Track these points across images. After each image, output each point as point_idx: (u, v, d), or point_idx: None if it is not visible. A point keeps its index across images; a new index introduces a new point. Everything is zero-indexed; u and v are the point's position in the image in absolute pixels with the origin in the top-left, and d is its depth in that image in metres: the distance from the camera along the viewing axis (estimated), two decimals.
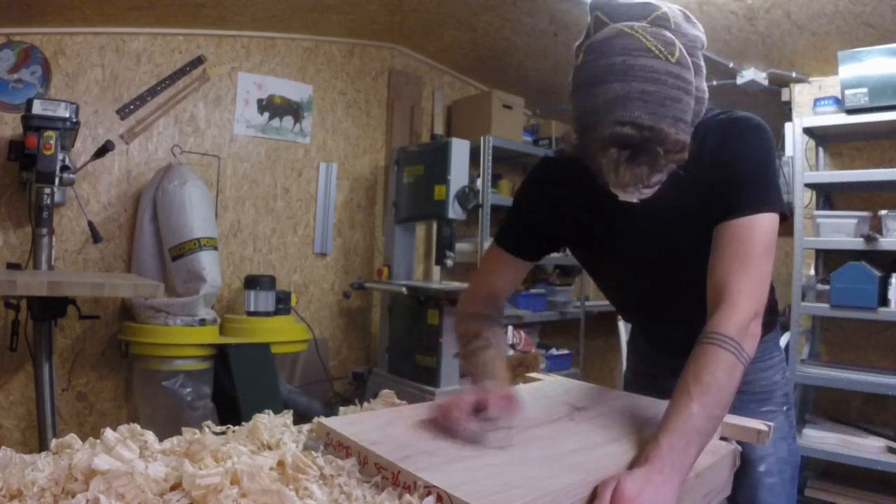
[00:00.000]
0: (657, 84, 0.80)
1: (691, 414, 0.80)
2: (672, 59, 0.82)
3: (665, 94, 0.80)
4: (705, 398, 0.81)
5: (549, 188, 1.14)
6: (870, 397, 2.74)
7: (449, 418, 0.85)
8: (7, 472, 0.66)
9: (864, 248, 2.50)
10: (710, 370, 0.84)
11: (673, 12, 0.88)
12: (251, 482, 0.65)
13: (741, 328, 0.87)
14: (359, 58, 3.49)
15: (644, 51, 0.81)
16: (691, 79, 0.84)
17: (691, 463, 0.78)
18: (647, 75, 0.80)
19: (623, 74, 0.80)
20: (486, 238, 3.28)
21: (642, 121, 0.79)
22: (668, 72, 0.81)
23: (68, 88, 2.58)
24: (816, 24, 2.50)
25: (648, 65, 0.81)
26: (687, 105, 0.83)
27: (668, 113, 0.80)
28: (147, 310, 2.50)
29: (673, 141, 0.80)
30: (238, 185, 3.08)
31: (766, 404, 1.17)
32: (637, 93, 0.80)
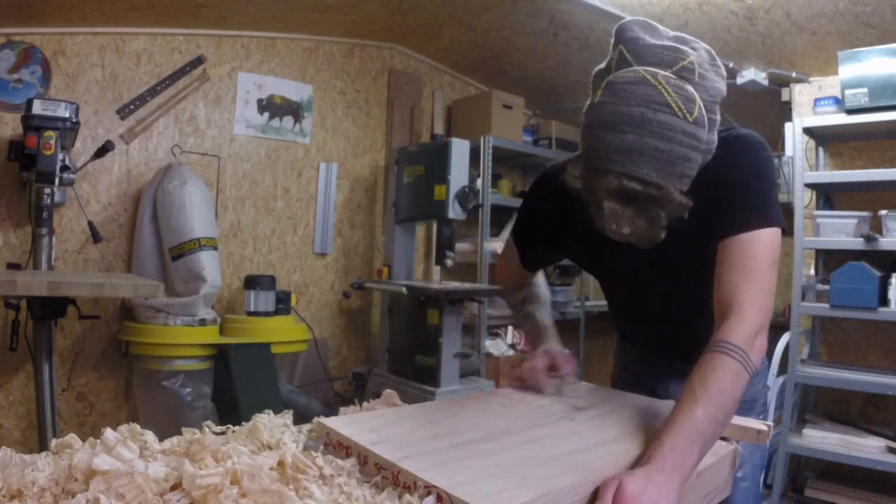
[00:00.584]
0: (671, 143, 0.81)
1: (695, 417, 0.80)
2: (690, 118, 0.82)
3: (677, 152, 0.81)
4: (710, 402, 0.82)
5: (547, 204, 1.16)
6: (870, 397, 2.74)
7: (533, 378, 1.08)
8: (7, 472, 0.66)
9: (864, 248, 2.50)
10: (717, 377, 0.85)
11: (700, 58, 0.88)
12: (251, 482, 0.65)
13: (748, 338, 0.88)
14: (359, 58, 3.49)
15: (664, 105, 0.81)
16: (705, 136, 0.85)
17: (693, 464, 0.78)
18: (663, 132, 0.81)
19: (640, 127, 0.81)
20: (486, 238, 3.28)
21: (650, 178, 0.80)
22: (684, 131, 0.82)
23: (68, 88, 2.58)
24: (816, 24, 2.50)
25: (666, 121, 0.81)
26: (695, 162, 0.85)
27: (676, 171, 0.82)
28: (147, 310, 2.50)
29: (677, 203, 0.82)
30: (238, 185, 3.08)
31: (750, 413, 1.17)
32: (650, 149, 0.81)
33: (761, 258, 0.93)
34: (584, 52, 3.20)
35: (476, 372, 2.90)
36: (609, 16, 2.62)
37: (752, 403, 1.20)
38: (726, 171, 0.96)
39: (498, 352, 3.20)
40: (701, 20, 2.61)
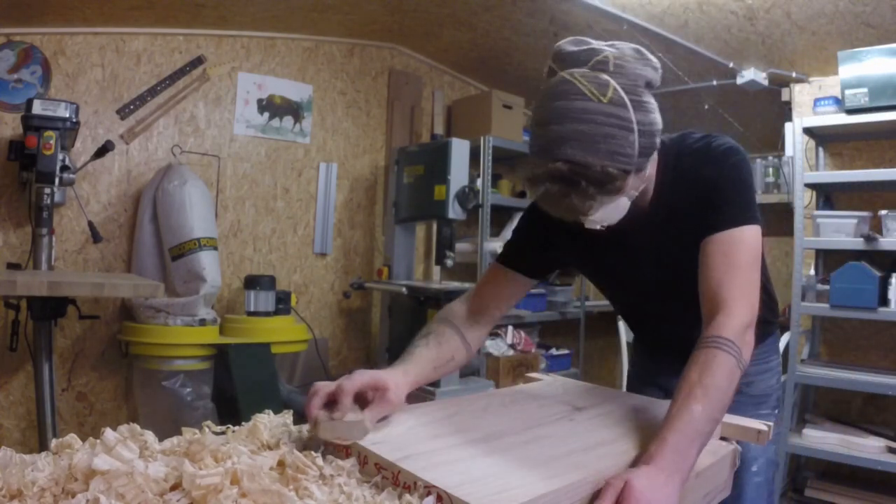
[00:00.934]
0: (590, 124, 0.87)
1: (693, 416, 0.82)
2: (604, 100, 0.88)
3: (598, 132, 0.87)
4: (707, 400, 0.84)
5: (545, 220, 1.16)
6: (870, 397, 2.75)
7: (306, 405, 0.86)
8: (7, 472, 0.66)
9: (864, 248, 2.50)
10: (712, 372, 0.87)
11: (620, 52, 0.94)
12: (251, 482, 0.65)
13: (739, 333, 0.91)
14: (359, 58, 3.49)
15: (579, 94, 0.88)
16: (628, 115, 0.89)
17: (692, 464, 0.80)
18: (581, 116, 0.87)
19: (561, 118, 0.89)
20: (486, 238, 3.28)
21: (574, 157, 0.86)
22: (601, 111, 0.88)
23: (68, 88, 2.58)
24: (816, 24, 2.50)
25: (582, 107, 0.88)
26: (624, 139, 0.89)
27: (601, 149, 0.87)
28: (147, 310, 2.50)
29: (601, 174, 0.87)
30: (238, 185, 3.08)
31: (762, 408, 1.21)
32: (572, 133, 0.87)
33: (744, 255, 0.96)
34: None
35: (476, 372, 2.90)
36: (609, 16, 2.62)
37: (764, 399, 1.22)
38: (705, 176, 1.02)
39: (498, 352, 3.20)
40: (701, 20, 2.62)
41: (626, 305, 1.32)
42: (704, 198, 1.01)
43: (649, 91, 0.96)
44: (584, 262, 1.24)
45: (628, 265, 1.14)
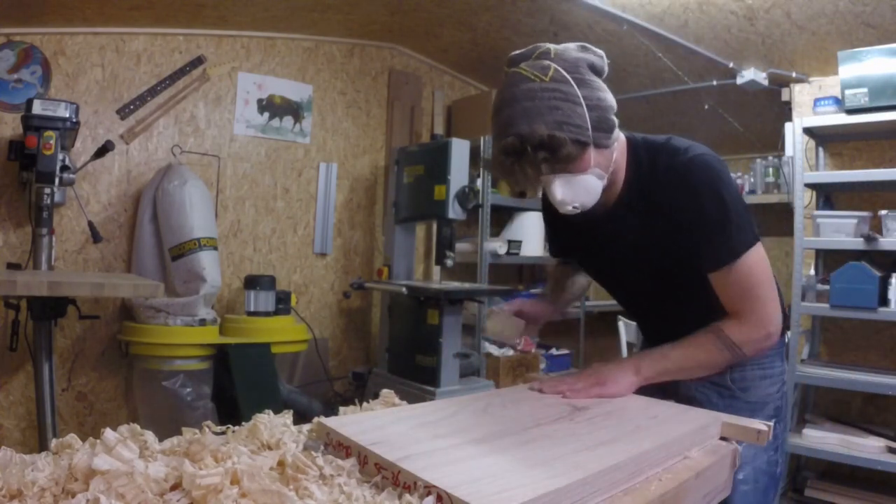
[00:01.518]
0: (534, 100, 0.98)
1: (666, 351, 1.09)
2: (546, 79, 0.99)
3: (543, 105, 0.97)
4: (682, 352, 1.08)
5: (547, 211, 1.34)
6: (870, 397, 2.75)
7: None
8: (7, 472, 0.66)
9: (864, 248, 2.50)
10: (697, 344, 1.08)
11: (563, 45, 1.05)
12: (251, 482, 0.65)
13: (744, 339, 1.06)
14: (359, 58, 3.49)
15: (523, 80, 1.00)
16: (572, 90, 0.99)
17: (651, 374, 1.08)
18: (525, 95, 0.99)
19: (509, 102, 1.01)
20: (486, 238, 3.28)
21: (521, 131, 0.97)
22: (544, 88, 0.98)
23: (68, 88, 2.58)
24: (816, 24, 2.50)
25: (526, 87, 0.99)
26: (571, 111, 0.98)
27: (547, 119, 0.96)
28: (147, 310, 2.50)
29: (548, 140, 0.95)
30: (238, 185, 3.08)
31: (757, 415, 1.16)
32: (521, 111, 0.99)
33: (756, 277, 1.05)
34: None
35: (476, 372, 2.90)
36: (609, 16, 2.62)
37: (760, 406, 1.19)
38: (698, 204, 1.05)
39: (498, 352, 3.20)
40: (701, 20, 2.62)
41: (623, 300, 1.37)
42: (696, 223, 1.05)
43: (595, 74, 1.05)
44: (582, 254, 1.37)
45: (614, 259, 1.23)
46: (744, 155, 3.58)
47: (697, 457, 0.90)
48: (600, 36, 2.94)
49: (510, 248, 3.41)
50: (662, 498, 0.77)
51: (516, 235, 3.56)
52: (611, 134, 1.05)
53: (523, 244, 3.52)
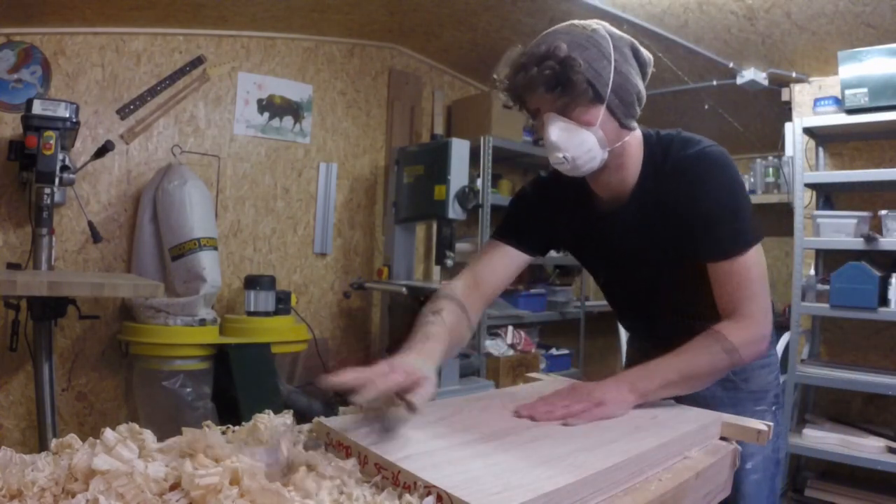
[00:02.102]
0: (569, 34, 1.01)
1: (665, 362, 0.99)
2: (588, 31, 1.02)
3: (574, 38, 0.99)
4: (682, 361, 0.99)
5: (541, 201, 1.25)
6: (870, 397, 2.75)
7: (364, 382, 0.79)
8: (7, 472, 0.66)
9: (864, 248, 2.50)
10: (697, 351, 1.00)
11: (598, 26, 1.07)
12: (251, 481, 0.65)
13: (743, 342, 1.01)
14: (359, 58, 3.49)
15: (568, 23, 1.05)
16: (607, 48, 1.01)
17: (651, 388, 0.97)
18: (563, 28, 1.03)
19: (549, 34, 1.04)
20: (486, 238, 3.28)
21: (543, 46, 0.98)
22: (583, 34, 1.01)
23: (68, 88, 2.58)
24: (816, 24, 2.50)
25: (568, 25, 1.04)
26: (599, 60, 0.99)
27: (572, 46, 0.97)
28: (147, 310, 2.50)
29: (564, 58, 0.95)
30: (238, 185, 3.08)
31: (760, 403, 1.22)
32: (551, 33, 1.03)
33: (752, 273, 1.03)
34: None
35: (476, 372, 2.90)
36: (609, 16, 2.62)
37: (762, 395, 1.22)
38: (705, 194, 1.04)
39: (498, 352, 3.20)
40: (701, 20, 2.62)
41: (616, 295, 1.33)
42: (704, 216, 1.04)
43: (634, 56, 1.06)
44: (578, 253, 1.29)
45: (616, 257, 1.18)
46: (744, 155, 3.58)
47: (697, 457, 0.90)
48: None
49: None
50: (662, 498, 0.77)
51: None
52: (628, 112, 1.04)
53: None
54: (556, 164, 1.04)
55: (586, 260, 1.31)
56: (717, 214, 1.03)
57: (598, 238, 1.19)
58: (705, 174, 1.04)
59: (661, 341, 1.22)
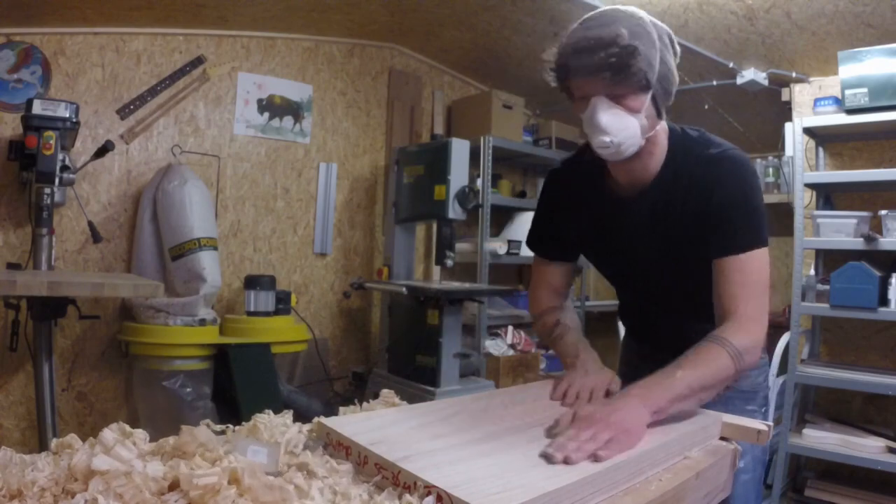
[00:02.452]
0: (621, 21, 1.01)
1: (674, 376, 0.95)
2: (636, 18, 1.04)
3: (628, 25, 0.99)
4: (691, 373, 0.95)
5: (558, 196, 1.30)
6: (870, 397, 2.74)
7: (569, 401, 1.04)
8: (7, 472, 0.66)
9: (864, 248, 2.50)
10: (705, 359, 0.98)
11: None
12: (252, 479, 0.65)
13: (745, 346, 0.99)
14: (359, 58, 3.49)
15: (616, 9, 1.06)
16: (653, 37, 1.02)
17: (664, 405, 0.92)
18: (615, 12, 1.04)
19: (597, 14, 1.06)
20: (486, 238, 3.28)
21: (603, 30, 0.99)
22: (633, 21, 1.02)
23: (68, 88, 2.58)
24: (816, 24, 2.50)
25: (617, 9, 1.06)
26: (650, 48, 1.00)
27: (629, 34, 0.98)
28: (147, 310, 2.50)
29: (626, 45, 0.96)
30: (238, 185, 3.08)
31: (751, 403, 1.25)
32: (606, 17, 1.03)
33: (756, 275, 1.05)
34: None
35: (476, 372, 2.90)
36: None
37: (752, 395, 1.24)
38: (723, 189, 1.07)
39: (498, 352, 3.20)
40: (701, 20, 2.61)
41: (631, 296, 1.36)
42: (720, 214, 1.06)
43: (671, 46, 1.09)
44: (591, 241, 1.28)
45: (631, 246, 1.19)
46: None
47: (697, 457, 0.90)
48: None
49: (510, 248, 3.41)
50: (662, 498, 0.77)
51: (516, 235, 3.56)
52: (666, 101, 1.06)
53: (523, 244, 3.51)
54: (600, 147, 1.04)
55: (597, 250, 1.30)
56: (733, 210, 1.05)
57: (611, 225, 1.20)
58: (727, 172, 1.07)
59: (659, 342, 1.23)
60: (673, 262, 1.15)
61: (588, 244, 1.30)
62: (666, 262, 1.16)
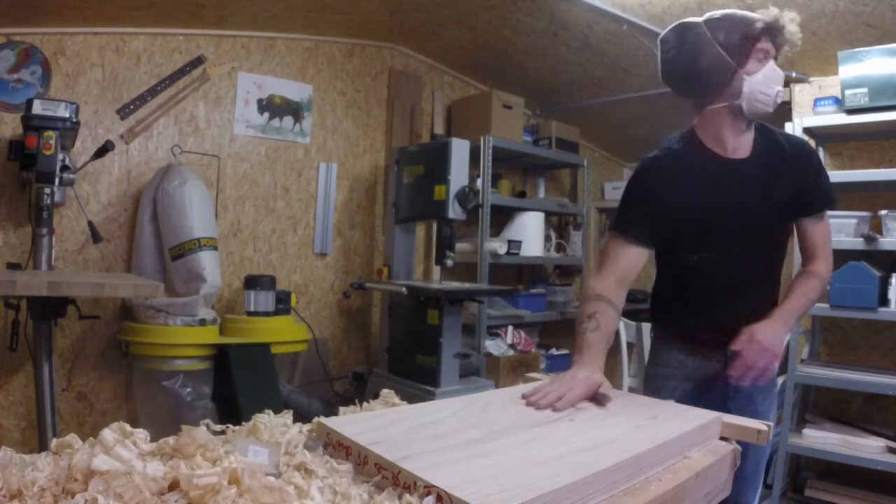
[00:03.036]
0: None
1: (798, 299, 1.38)
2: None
3: None
4: (804, 295, 1.40)
5: (658, 176, 1.43)
6: (870, 397, 2.74)
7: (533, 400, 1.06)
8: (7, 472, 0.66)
9: (864, 248, 2.50)
10: (810, 285, 1.41)
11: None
12: (252, 479, 0.65)
13: (826, 276, 1.44)
14: (359, 58, 3.49)
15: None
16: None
17: (792, 324, 1.37)
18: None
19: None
20: (486, 238, 3.28)
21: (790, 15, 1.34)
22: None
23: (68, 88, 2.58)
24: (816, 24, 2.50)
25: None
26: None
27: None
28: (147, 310, 2.50)
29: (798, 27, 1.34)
30: (238, 185, 3.08)
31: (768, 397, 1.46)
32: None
33: (829, 228, 1.47)
34: (583, 52, 3.20)
35: (476, 372, 2.90)
36: (609, 16, 2.62)
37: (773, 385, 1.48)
38: (810, 161, 1.42)
39: (498, 352, 3.20)
40: None
41: (706, 273, 1.44)
42: (804, 182, 1.39)
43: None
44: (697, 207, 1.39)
45: (739, 200, 1.37)
46: None
47: (697, 457, 0.90)
48: (600, 36, 2.94)
49: (510, 248, 3.41)
50: (662, 498, 0.77)
51: (516, 235, 3.56)
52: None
53: (523, 244, 3.52)
54: (776, 97, 1.33)
55: (703, 214, 1.39)
56: (819, 179, 1.42)
57: (725, 185, 1.38)
58: (808, 149, 1.45)
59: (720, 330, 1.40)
60: (771, 219, 1.40)
61: (692, 214, 1.39)
62: (767, 216, 1.38)
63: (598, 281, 1.41)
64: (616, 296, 1.38)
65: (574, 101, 3.87)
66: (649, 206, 1.41)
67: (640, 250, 1.41)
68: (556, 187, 4.49)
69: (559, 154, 3.76)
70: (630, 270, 1.42)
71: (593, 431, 0.90)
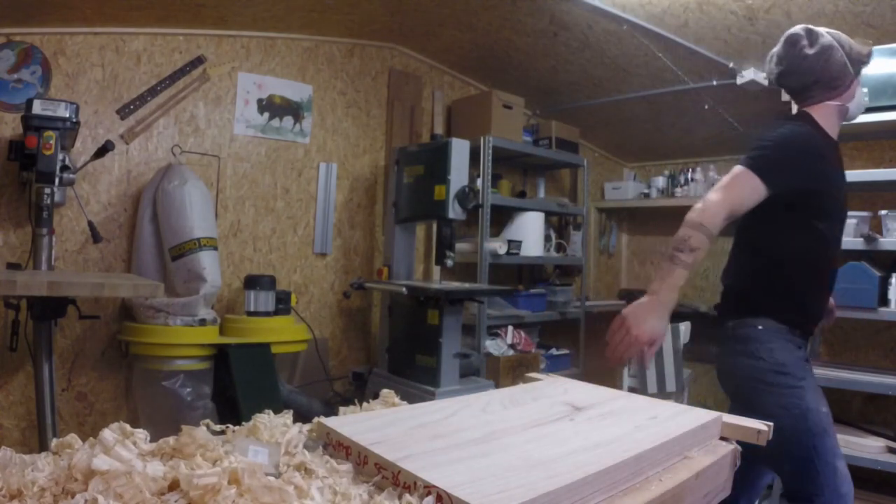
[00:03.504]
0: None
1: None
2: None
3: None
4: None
5: (815, 144, 1.57)
6: (870, 397, 2.75)
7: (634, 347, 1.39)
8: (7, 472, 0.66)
9: (864, 248, 2.50)
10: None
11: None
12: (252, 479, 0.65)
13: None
14: (359, 58, 3.49)
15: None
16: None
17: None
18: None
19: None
20: (486, 238, 3.28)
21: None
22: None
23: (68, 88, 2.58)
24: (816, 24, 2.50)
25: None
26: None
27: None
28: (147, 310, 2.50)
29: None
30: (238, 185, 3.08)
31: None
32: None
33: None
34: (583, 52, 3.20)
35: (476, 372, 2.90)
36: (609, 16, 2.62)
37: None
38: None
39: (498, 352, 3.20)
40: (701, 20, 2.61)
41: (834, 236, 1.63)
42: None
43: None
44: (831, 184, 1.58)
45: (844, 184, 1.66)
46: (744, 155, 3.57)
47: (697, 457, 0.90)
48: (600, 36, 2.93)
49: (510, 248, 3.41)
50: (662, 498, 0.77)
51: (516, 235, 3.56)
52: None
53: (523, 244, 3.52)
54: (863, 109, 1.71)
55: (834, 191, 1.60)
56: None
57: (840, 168, 1.65)
58: None
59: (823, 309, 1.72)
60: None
61: (835, 187, 1.59)
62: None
63: (717, 206, 1.45)
64: (718, 230, 1.46)
65: (574, 101, 3.87)
66: (808, 163, 1.51)
67: (761, 199, 1.49)
68: (556, 187, 4.49)
69: (559, 154, 3.76)
70: (743, 211, 1.50)
71: (593, 431, 0.90)
